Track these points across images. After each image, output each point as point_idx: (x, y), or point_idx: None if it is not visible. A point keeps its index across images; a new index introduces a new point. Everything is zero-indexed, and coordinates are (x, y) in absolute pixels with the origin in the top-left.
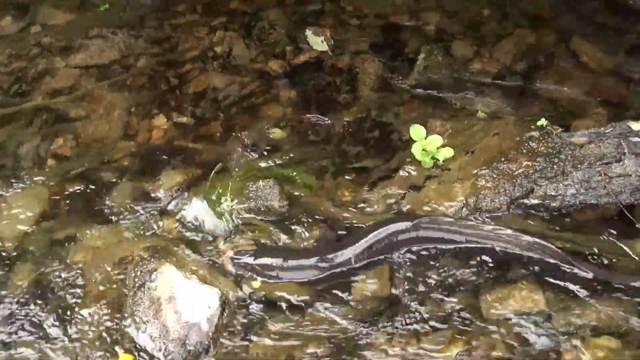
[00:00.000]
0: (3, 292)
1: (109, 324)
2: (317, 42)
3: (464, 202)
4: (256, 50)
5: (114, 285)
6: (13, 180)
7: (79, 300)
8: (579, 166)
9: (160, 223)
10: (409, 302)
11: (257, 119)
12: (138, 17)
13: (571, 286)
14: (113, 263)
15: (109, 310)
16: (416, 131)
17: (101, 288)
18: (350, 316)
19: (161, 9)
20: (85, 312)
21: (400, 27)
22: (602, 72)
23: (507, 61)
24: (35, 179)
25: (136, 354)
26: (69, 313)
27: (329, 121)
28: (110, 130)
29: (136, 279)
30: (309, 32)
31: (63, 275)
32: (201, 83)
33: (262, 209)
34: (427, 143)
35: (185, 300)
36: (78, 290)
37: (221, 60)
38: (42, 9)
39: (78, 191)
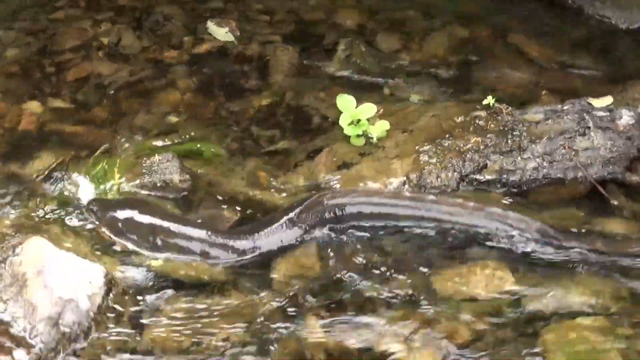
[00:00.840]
0: None
1: None
2: (221, 33)
3: (406, 178)
4: (149, 41)
5: None
6: None
7: None
8: (537, 141)
9: (30, 203)
10: (341, 280)
11: (150, 104)
12: (10, 11)
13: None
14: None
15: None
16: (344, 101)
17: None
18: (272, 297)
19: (38, 4)
20: None
21: (315, 22)
22: (548, 64)
23: (439, 53)
24: None
25: None
26: None
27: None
28: None
29: None
30: (210, 24)
31: None
32: (83, 70)
33: (158, 185)
34: (357, 112)
35: (58, 275)
36: None
37: (107, 50)
38: None
39: None
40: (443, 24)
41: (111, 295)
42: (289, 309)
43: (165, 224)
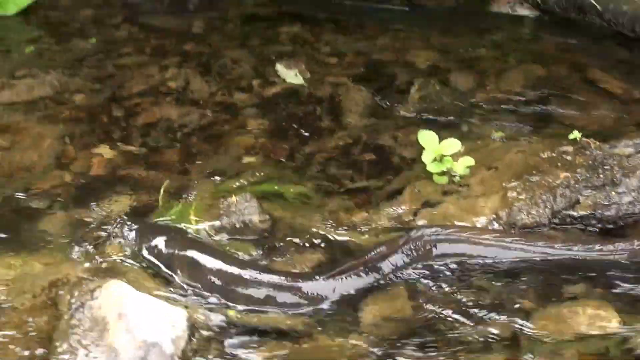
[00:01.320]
0: None
1: (36, 353)
2: (290, 75)
3: (495, 216)
4: (217, 85)
5: (41, 311)
6: None
7: None
8: (630, 175)
9: (102, 249)
10: (434, 321)
11: (222, 147)
12: (75, 59)
13: None
14: (41, 288)
15: (36, 338)
16: (426, 137)
17: (23, 315)
18: (361, 340)
19: (102, 51)
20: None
21: (385, 63)
22: (628, 98)
23: (516, 90)
24: None
25: None
26: None
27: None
28: (40, 159)
29: (73, 300)
30: (279, 66)
31: None
32: (152, 115)
33: (237, 227)
34: (441, 148)
35: (140, 318)
36: None
37: (175, 95)
38: None
39: None
40: (518, 62)
41: (194, 340)
42: (379, 353)
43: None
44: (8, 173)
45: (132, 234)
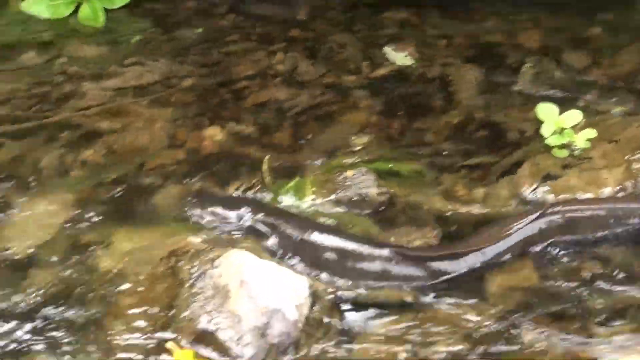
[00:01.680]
0: (21, 303)
1: (158, 320)
2: (399, 57)
3: (620, 187)
4: (325, 68)
5: (162, 281)
6: (31, 189)
7: (115, 301)
8: None
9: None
10: (561, 292)
11: (333, 127)
12: (182, 47)
13: None
14: (160, 258)
15: (157, 308)
16: (545, 110)
17: (144, 286)
18: (487, 311)
19: (209, 39)
20: (124, 312)
21: (495, 44)
22: None
23: (634, 68)
24: (58, 187)
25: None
26: (103, 317)
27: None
28: (152, 141)
29: (193, 270)
30: (388, 49)
31: (93, 278)
32: (261, 96)
33: (354, 200)
34: (561, 120)
35: (262, 285)
36: (114, 291)
37: (284, 77)
38: (68, 44)
39: (111, 196)
40: (631, 39)
41: (317, 307)
42: (506, 323)
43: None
44: (121, 154)
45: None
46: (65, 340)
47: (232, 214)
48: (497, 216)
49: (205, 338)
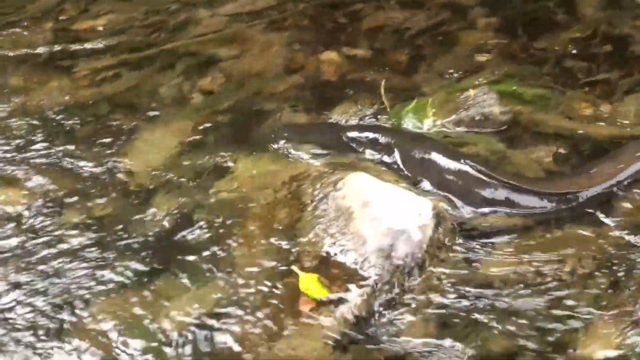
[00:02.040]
0: (147, 228)
1: (282, 244)
2: None
3: None
4: None
5: (284, 204)
6: (150, 116)
7: (238, 226)
8: None
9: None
10: None
11: (452, 47)
12: None
13: None
14: (282, 182)
15: (281, 229)
16: None
17: (267, 209)
18: (620, 228)
19: None
20: (248, 236)
21: None
22: None
23: None
24: (177, 114)
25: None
26: (227, 241)
27: None
28: (269, 66)
29: (315, 192)
30: None
31: (215, 202)
32: (377, 19)
33: (476, 118)
34: None
35: (385, 206)
36: (237, 215)
37: None
38: None
39: (231, 122)
40: None
41: (440, 229)
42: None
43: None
44: (239, 80)
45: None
46: (190, 265)
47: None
48: (624, 135)
49: (330, 261)
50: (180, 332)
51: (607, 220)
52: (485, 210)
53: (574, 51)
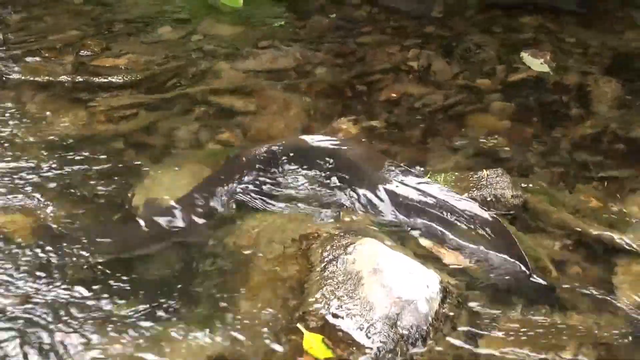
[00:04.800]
0: (150, 271)
1: (288, 300)
2: (536, 63)
3: None
4: (460, 68)
5: (292, 261)
6: (163, 157)
7: (244, 278)
8: None
9: (350, 214)
10: None
11: (464, 128)
12: (317, 35)
13: None
14: (292, 239)
15: (288, 286)
16: None
17: (274, 264)
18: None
19: (343, 28)
20: (253, 289)
21: (634, 56)
22: None
23: None
24: (190, 158)
25: (326, 333)
26: (231, 292)
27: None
28: (287, 129)
29: (325, 254)
30: (525, 54)
31: (223, 251)
32: (394, 92)
33: (488, 199)
34: None
35: (395, 274)
36: (243, 267)
37: (418, 74)
38: (204, 22)
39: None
40: None
41: (446, 303)
42: None
43: None
44: (255, 136)
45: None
46: (193, 313)
47: None
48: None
49: (335, 323)
50: None
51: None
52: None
53: (585, 145)
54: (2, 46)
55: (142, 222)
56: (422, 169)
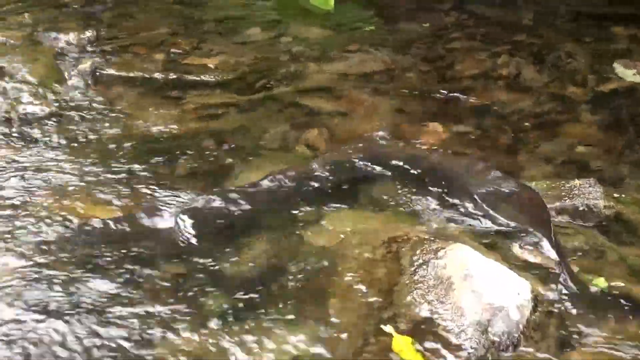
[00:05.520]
0: (236, 267)
1: (376, 302)
2: (628, 74)
3: None
4: (550, 76)
5: (381, 265)
6: (251, 158)
7: (332, 278)
8: None
9: (439, 219)
10: None
11: (554, 136)
12: (406, 40)
13: None
14: (381, 242)
15: (376, 289)
16: None
17: (363, 266)
18: None
19: (432, 34)
20: (341, 290)
21: None
22: None
23: None
24: (278, 160)
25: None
26: (318, 292)
27: None
28: (374, 130)
29: (415, 258)
30: (617, 65)
31: (310, 251)
32: (483, 98)
33: (580, 209)
34: None
35: (486, 281)
36: (331, 267)
37: (508, 80)
38: (293, 25)
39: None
40: None
41: (537, 311)
42: None
43: None
44: (342, 139)
45: None
46: (279, 310)
47: None
48: None
49: (425, 327)
50: None
51: None
52: None
53: None
54: (95, 42)
55: None
56: (511, 176)
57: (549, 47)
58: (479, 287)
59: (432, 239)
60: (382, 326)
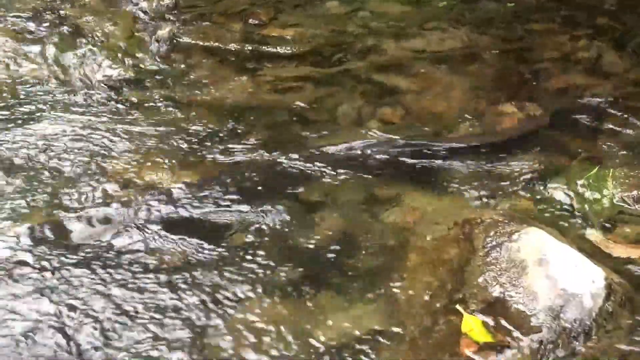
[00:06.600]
0: (309, 243)
1: (447, 282)
2: None
3: None
4: (631, 62)
5: (453, 245)
6: (325, 132)
7: (404, 256)
8: None
9: (512, 201)
10: None
11: (633, 123)
12: (485, 19)
13: None
14: (454, 222)
15: (447, 270)
16: None
17: (436, 245)
18: None
19: (513, 14)
20: (412, 268)
21: None
22: None
23: None
24: (352, 136)
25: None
26: (390, 269)
27: None
28: (449, 108)
29: (488, 239)
30: None
31: (384, 228)
32: (561, 81)
33: None
34: None
35: (561, 267)
36: (403, 246)
37: (587, 64)
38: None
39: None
40: None
41: (610, 300)
42: None
43: None
44: (418, 116)
45: None
46: (351, 286)
47: None
48: None
49: (496, 308)
50: (329, 348)
51: None
52: None
53: None
54: (174, 9)
55: None
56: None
57: (632, 32)
58: (554, 272)
59: (507, 221)
60: (456, 306)
